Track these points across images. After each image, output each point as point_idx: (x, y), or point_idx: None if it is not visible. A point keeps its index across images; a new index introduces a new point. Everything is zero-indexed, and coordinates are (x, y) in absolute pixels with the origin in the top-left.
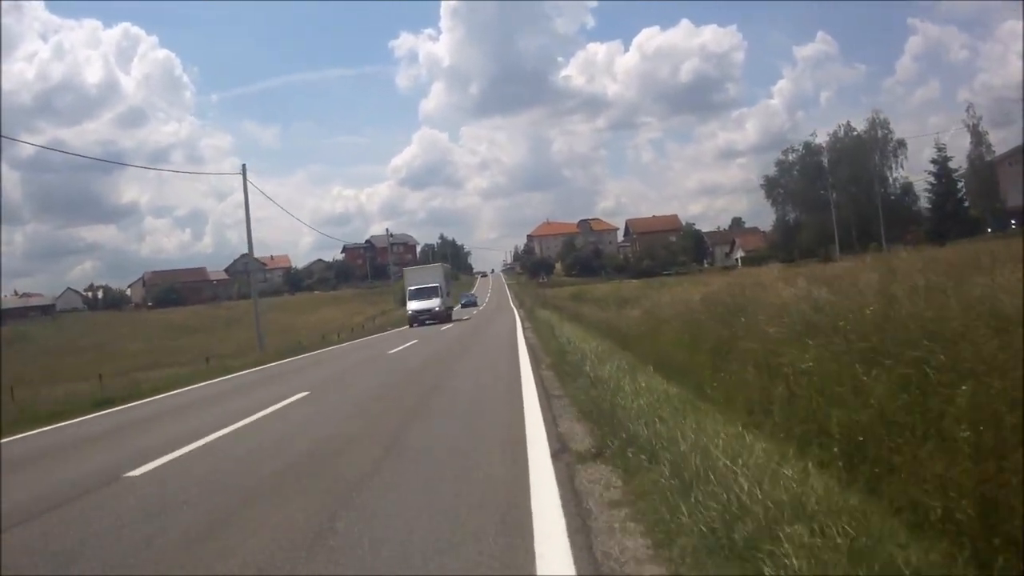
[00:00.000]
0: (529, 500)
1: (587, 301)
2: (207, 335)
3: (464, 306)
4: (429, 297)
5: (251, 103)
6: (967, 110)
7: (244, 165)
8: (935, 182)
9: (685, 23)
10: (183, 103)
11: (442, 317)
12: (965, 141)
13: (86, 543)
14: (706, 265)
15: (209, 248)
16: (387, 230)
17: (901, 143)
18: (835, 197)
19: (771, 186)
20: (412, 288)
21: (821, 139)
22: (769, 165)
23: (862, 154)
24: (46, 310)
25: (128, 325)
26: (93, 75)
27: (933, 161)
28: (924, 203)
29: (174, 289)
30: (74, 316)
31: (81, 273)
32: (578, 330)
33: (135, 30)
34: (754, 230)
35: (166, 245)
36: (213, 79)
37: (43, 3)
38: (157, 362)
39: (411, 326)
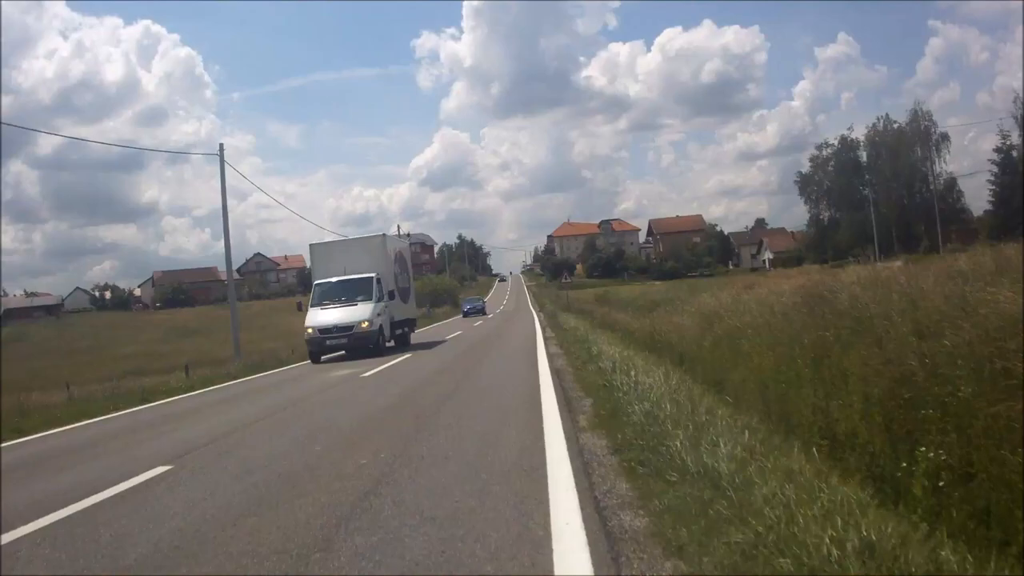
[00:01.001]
0: None
1: (614, 304)
2: (207, 338)
3: (468, 314)
4: (351, 300)
5: (273, 102)
6: (1014, 101)
7: (221, 145)
8: (999, 174)
9: (707, 23)
10: (204, 101)
11: (373, 341)
12: (986, 143)
13: None
14: (731, 267)
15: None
16: (398, 227)
17: (945, 136)
18: (873, 195)
19: (805, 183)
20: (321, 284)
21: (858, 133)
22: (790, 168)
23: (903, 148)
24: (51, 310)
25: (131, 326)
26: (113, 73)
27: (996, 150)
28: (970, 200)
29: (182, 289)
30: (80, 316)
31: (100, 272)
32: (616, 343)
33: (156, 28)
34: (781, 231)
35: (185, 245)
36: (235, 78)
37: (64, 1)
38: (143, 368)
39: (313, 360)
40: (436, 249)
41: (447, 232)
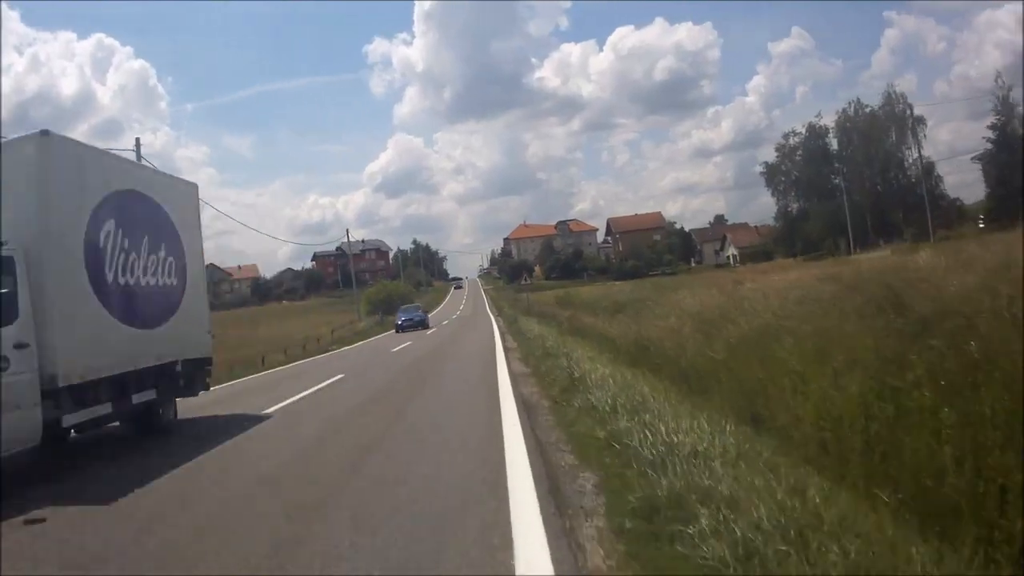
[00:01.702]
0: None
1: (578, 307)
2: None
3: (403, 327)
4: None
5: (227, 113)
6: (996, 80)
7: (138, 140)
8: (994, 151)
9: (659, 21)
10: (158, 113)
11: None
12: (943, 133)
13: None
14: (693, 264)
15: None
16: (347, 231)
17: (920, 120)
18: (845, 183)
19: (771, 173)
20: None
21: (827, 120)
22: (746, 163)
23: (876, 132)
24: None
25: None
26: (68, 86)
27: (991, 127)
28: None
29: None
30: None
31: None
32: (597, 357)
33: (109, 40)
34: (744, 226)
35: None
36: (188, 89)
37: (17, 15)
38: None
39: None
40: (391, 255)
41: (403, 238)
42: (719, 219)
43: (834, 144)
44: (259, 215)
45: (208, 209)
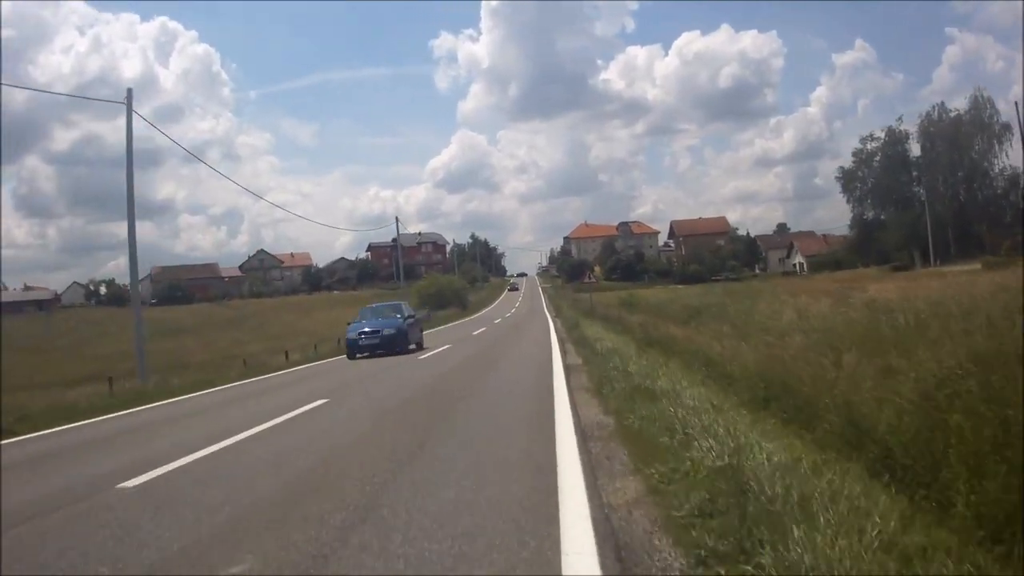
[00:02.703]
0: None
1: (645, 310)
2: (195, 337)
3: (361, 347)
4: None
5: (289, 100)
6: None
7: (130, 90)
8: None
9: (725, 28)
10: (221, 99)
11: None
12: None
13: None
14: (757, 271)
15: (244, 247)
16: (396, 219)
17: (1007, 127)
18: (927, 192)
19: (848, 179)
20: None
21: (907, 125)
22: (806, 174)
23: (962, 140)
24: (42, 305)
25: (121, 323)
26: (131, 69)
27: None
28: None
29: (179, 286)
30: (71, 312)
31: (116, 268)
32: (731, 405)
33: (173, 24)
34: (810, 234)
35: (201, 242)
36: (252, 76)
37: None
38: (107, 371)
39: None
40: (448, 249)
41: (463, 234)
42: (782, 227)
43: (914, 150)
44: (317, 204)
45: (270, 195)
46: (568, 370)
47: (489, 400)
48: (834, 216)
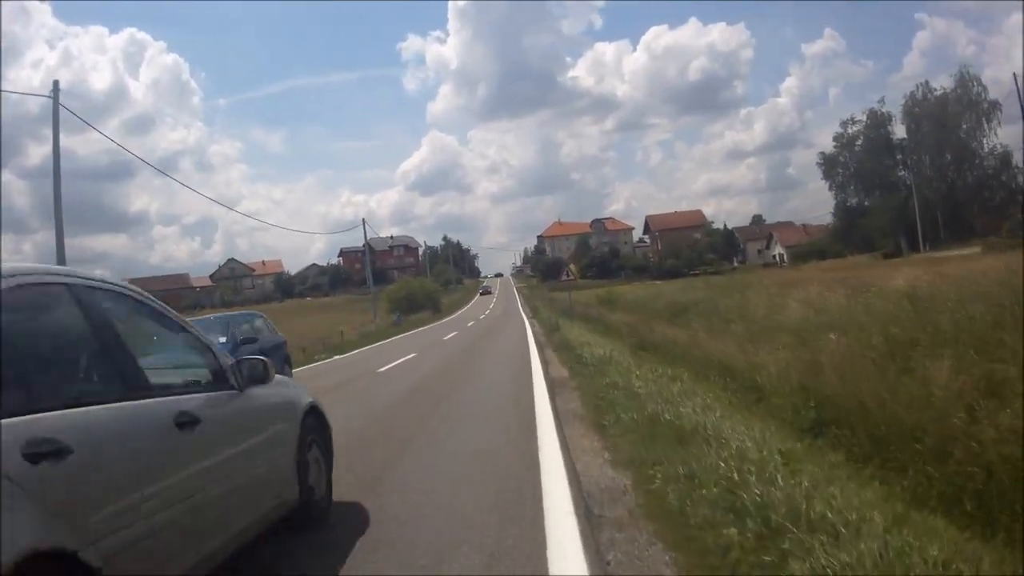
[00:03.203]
0: None
1: (627, 308)
2: None
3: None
4: None
5: (259, 108)
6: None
7: (56, 82)
8: None
9: (693, 21)
10: (191, 109)
11: None
12: None
13: None
14: (736, 264)
15: (218, 256)
16: (363, 221)
17: (995, 104)
18: (915, 175)
19: (829, 165)
20: None
21: (890, 108)
22: (779, 165)
23: (949, 120)
24: None
25: None
26: (100, 81)
27: None
28: None
29: None
30: None
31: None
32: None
33: (141, 35)
34: (789, 224)
35: (176, 253)
36: (221, 84)
37: (50, 8)
38: None
39: None
40: (420, 251)
41: (437, 237)
42: (758, 219)
43: (898, 132)
44: (289, 211)
45: (242, 205)
46: (553, 388)
47: (446, 455)
48: (808, 205)
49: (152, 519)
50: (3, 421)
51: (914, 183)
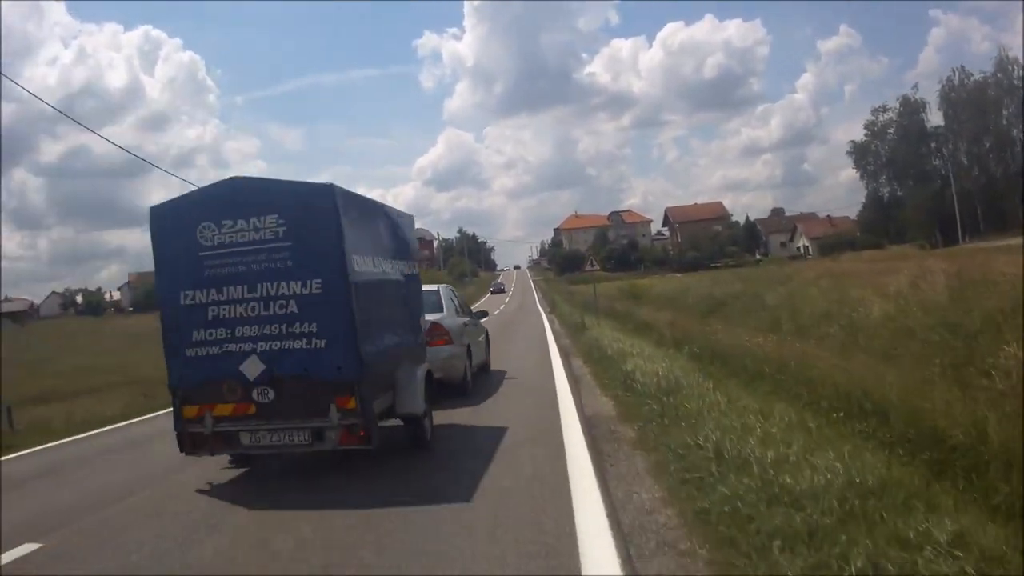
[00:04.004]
0: None
1: (654, 303)
2: (158, 347)
3: None
4: None
5: (275, 105)
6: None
7: None
8: None
9: (709, 18)
10: (207, 106)
11: None
12: None
13: None
14: (758, 257)
15: None
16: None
17: None
18: (952, 165)
19: (860, 154)
20: None
21: (924, 94)
22: (794, 161)
23: (988, 106)
24: (17, 316)
25: (95, 333)
26: (116, 79)
27: None
28: None
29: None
30: (46, 323)
31: (108, 276)
32: None
33: (156, 32)
34: (812, 215)
35: None
36: (237, 81)
37: (64, 7)
38: (61, 391)
39: None
40: (435, 244)
41: (453, 231)
42: (777, 211)
43: (933, 120)
44: None
45: None
46: (599, 455)
47: None
48: (823, 201)
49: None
50: None
51: (952, 172)
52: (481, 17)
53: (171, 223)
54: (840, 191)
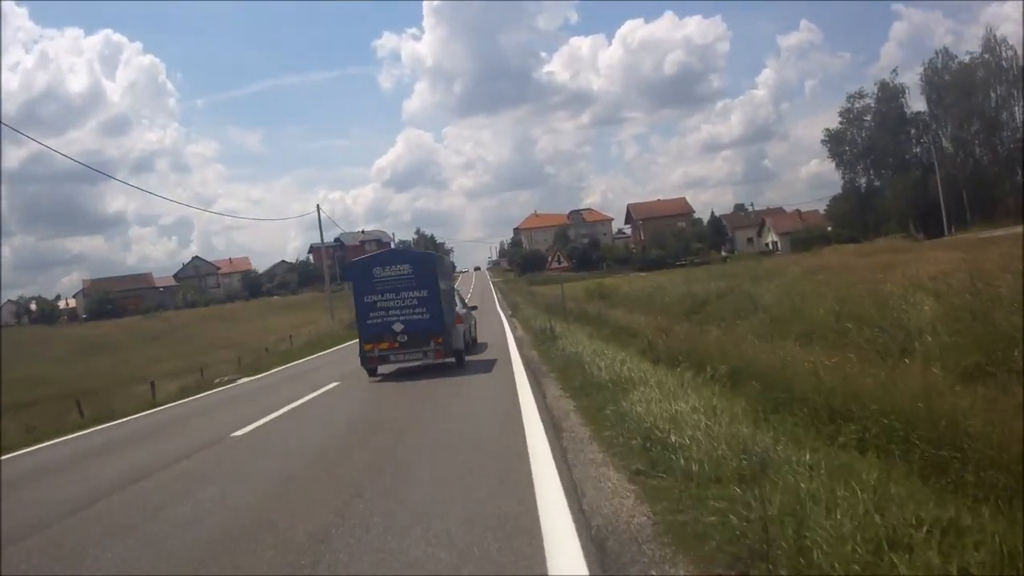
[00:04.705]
0: None
1: (630, 305)
2: (115, 355)
3: None
4: None
5: (235, 108)
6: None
7: None
8: None
9: (669, 15)
10: (168, 110)
11: None
12: None
13: None
14: (724, 253)
15: (196, 255)
16: (317, 207)
17: None
18: (936, 152)
19: (835, 142)
20: None
21: (903, 78)
22: (755, 157)
23: (977, 87)
24: None
25: (44, 343)
26: (77, 83)
27: None
28: None
29: (109, 299)
30: None
31: (69, 284)
32: None
33: (117, 37)
34: (779, 210)
35: (152, 253)
36: (198, 85)
37: (26, 12)
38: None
39: None
40: (392, 246)
41: (412, 233)
42: (739, 207)
43: (914, 105)
44: (267, 210)
45: (218, 204)
46: None
47: None
48: (785, 196)
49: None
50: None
51: (937, 158)
52: (440, 17)
53: (360, 268)
54: (800, 187)
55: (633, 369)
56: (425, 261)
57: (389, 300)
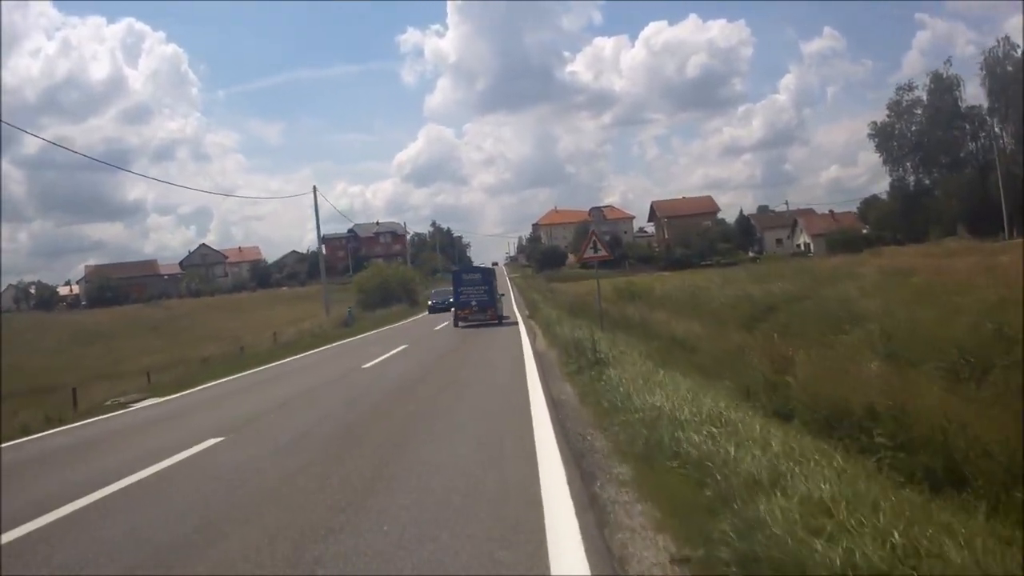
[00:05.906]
0: None
1: (669, 309)
2: (110, 344)
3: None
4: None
5: (257, 99)
6: None
7: None
8: None
9: (693, 17)
10: (189, 99)
11: None
12: None
13: None
14: (751, 254)
15: (214, 244)
16: (314, 191)
17: None
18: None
19: (884, 137)
20: None
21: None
22: (775, 161)
23: None
24: None
25: (39, 329)
26: (99, 71)
27: None
28: None
29: (110, 286)
30: None
31: (87, 270)
32: None
33: (140, 26)
34: (809, 211)
35: (170, 242)
36: (220, 75)
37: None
38: None
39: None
40: (408, 238)
41: (428, 226)
42: (762, 209)
43: (969, 99)
44: (286, 202)
45: (239, 192)
46: None
47: None
48: (805, 201)
49: None
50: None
51: (997, 156)
52: (465, 14)
53: (458, 273)
54: (820, 192)
55: (781, 454)
56: (486, 272)
57: (469, 289)
